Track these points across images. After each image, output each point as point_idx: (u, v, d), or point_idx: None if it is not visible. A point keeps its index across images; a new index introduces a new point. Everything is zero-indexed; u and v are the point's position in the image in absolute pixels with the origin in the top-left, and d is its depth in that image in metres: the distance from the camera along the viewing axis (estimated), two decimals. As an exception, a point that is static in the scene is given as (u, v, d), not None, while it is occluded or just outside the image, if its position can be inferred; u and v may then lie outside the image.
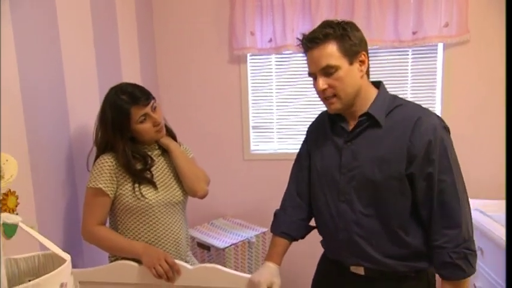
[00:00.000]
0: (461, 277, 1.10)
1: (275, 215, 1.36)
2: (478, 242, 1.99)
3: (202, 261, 2.27)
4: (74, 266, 1.52)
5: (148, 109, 1.38)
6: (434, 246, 1.12)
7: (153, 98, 1.43)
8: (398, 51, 2.37)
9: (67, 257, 0.76)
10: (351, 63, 1.13)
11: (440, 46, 2.33)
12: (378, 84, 1.23)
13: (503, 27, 2.17)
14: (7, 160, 0.71)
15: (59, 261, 0.80)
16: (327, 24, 1.14)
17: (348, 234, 1.18)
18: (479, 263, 1.99)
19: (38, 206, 1.36)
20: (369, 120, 1.16)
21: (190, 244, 1.67)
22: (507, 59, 1.24)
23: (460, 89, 2.33)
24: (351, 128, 1.20)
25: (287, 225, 1.31)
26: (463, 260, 1.09)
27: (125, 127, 1.38)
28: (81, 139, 1.61)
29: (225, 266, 2.13)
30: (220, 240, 2.24)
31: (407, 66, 2.39)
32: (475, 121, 2.33)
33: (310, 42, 1.13)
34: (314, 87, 1.17)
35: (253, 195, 2.59)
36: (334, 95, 1.14)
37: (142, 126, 1.40)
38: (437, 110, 2.40)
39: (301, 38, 1.16)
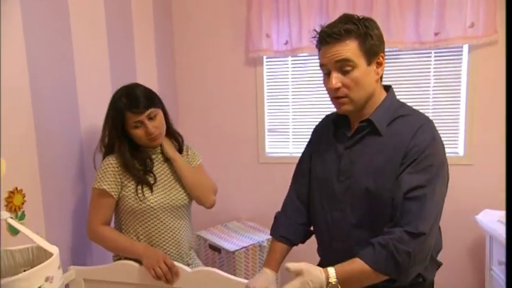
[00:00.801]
0: (367, 262, 0.99)
1: (275, 217, 1.34)
2: (499, 255, 1.88)
3: (213, 263, 2.28)
4: (83, 263, 1.57)
5: (143, 117, 1.38)
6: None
7: (157, 106, 1.43)
8: (420, 54, 2.28)
9: (55, 250, 0.77)
10: (369, 64, 1.06)
11: (465, 48, 2.21)
12: (388, 88, 1.17)
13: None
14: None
15: (51, 254, 0.81)
16: (348, 19, 1.06)
17: (341, 244, 1.14)
18: (501, 276, 1.87)
19: (45, 204, 1.40)
20: (369, 127, 1.11)
21: (195, 246, 1.67)
22: (507, 59, 1.16)
23: (487, 94, 2.20)
24: (352, 133, 1.15)
25: (286, 228, 1.28)
26: (385, 252, 0.98)
27: (120, 129, 1.41)
28: (92, 138, 1.65)
29: (235, 269, 2.15)
30: (231, 243, 2.23)
31: (429, 69, 2.29)
32: (503, 128, 2.19)
33: (329, 37, 1.05)
34: (324, 85, 1.12)
35: (268, 198, 2.56)
36: (346, 96, 1.08)
37: (135, 131, 1.41)
38: (462, 116, 2.28)
39: (318, 30, 1.09)
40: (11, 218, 0.83)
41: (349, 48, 1.04)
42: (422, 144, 1.03)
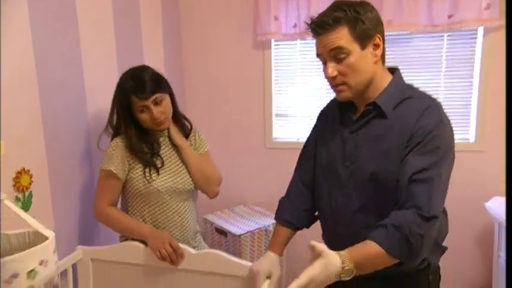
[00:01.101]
0: (382, 245, 0.95)
1: (280, 202, 1.33)
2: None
3: (220, 246, 2.29)
4: (90, 243, 1.59)
5: (148, 102, 1.37)
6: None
7: (164, 90, 1.41)
8: (433, 37, 2.22)
9: (50, 235, 0.77)
10: (363, 47, 1.04)
11: (480, 30, 2.14)
12: (394, 71, 1.14)
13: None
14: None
15: (47, 238, 0.81)
16: (337, 6, 1.05)
17: (345, 229, 1.13)
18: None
19: (52, 185, 1.41)
20: (375, 110, 1.09)
21: (201, 230, 1.68)
22: (507, 58, 1.13)
23: (501, 79, 2.13)
24: (357, 117, 1.13)
25: (290, 213, 1.27)
26: (399, 234, 0.95)
27: (127, 111, 1.40)
28: (99, 123, 1.65)
29: (241, 253, 2.17)
30: (237, 226, 2.24)
31: (441, 53, 2.23)
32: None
33: (319, 28, 1.05)
34: (323, 73, 1.11)
35: (275, 183, 2.55)
36: (344, 83, 1.07)
37: (140, 115, 1.40)
38: (474, 102, 2.22)
39: (309, 22, 1.09)
40: (17, 199, 0.85)
41: (341, 36, 1.02)
42: (428, 126, 1.01)
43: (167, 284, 1.39)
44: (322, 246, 0.95)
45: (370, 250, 0.97)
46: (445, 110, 1.08)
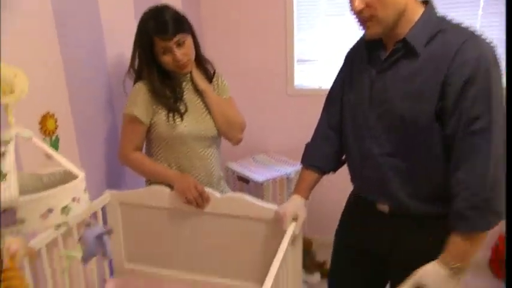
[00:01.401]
0: (469, 228, 0.95)
1: (306, 146, 1.31)
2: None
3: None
4: (116, 187, 1.62)
5: (171, 44, 1.32)
6: (451, 193, 0.98)
7: (186, 31, 1.35)
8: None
9: (80, 173, 0.77)
10: None
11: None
12: (426, 3, 1.04)
13: None
14: (16, 75, 0.70)
15: (77, 177, 0.81)
16: None
17: (373, 172, 1.10)
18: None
19: (77, 130, 1.42)
20: (405, 48, 1.00)
21: (225, 177, 1.68)
22: (507, 59, 1.00)
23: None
24: (386, 56, 1.05)
25: (316, 157, 1.25)
26: (474, 211, 0.93)
27: (149, 54, 1.35)
28: (119, 67, 1.62)
29: (263, 200, 2.19)
30: (259, 174, 2.25)
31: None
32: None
33: None
34: (350, 7, 1.02)
35: (296, 131, 2.52)
36: (372, 16, 0.98)
37: (163, 58, 1.35)
38: (513, 42, 2.07)
39: None
40: (44, 141, 0.84)
41: None
42: (469, 65, 0.91)
43: (193, 227, 1.42)
44: (418, 279, 0.97)
45: (460, 241, 0.96)
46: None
